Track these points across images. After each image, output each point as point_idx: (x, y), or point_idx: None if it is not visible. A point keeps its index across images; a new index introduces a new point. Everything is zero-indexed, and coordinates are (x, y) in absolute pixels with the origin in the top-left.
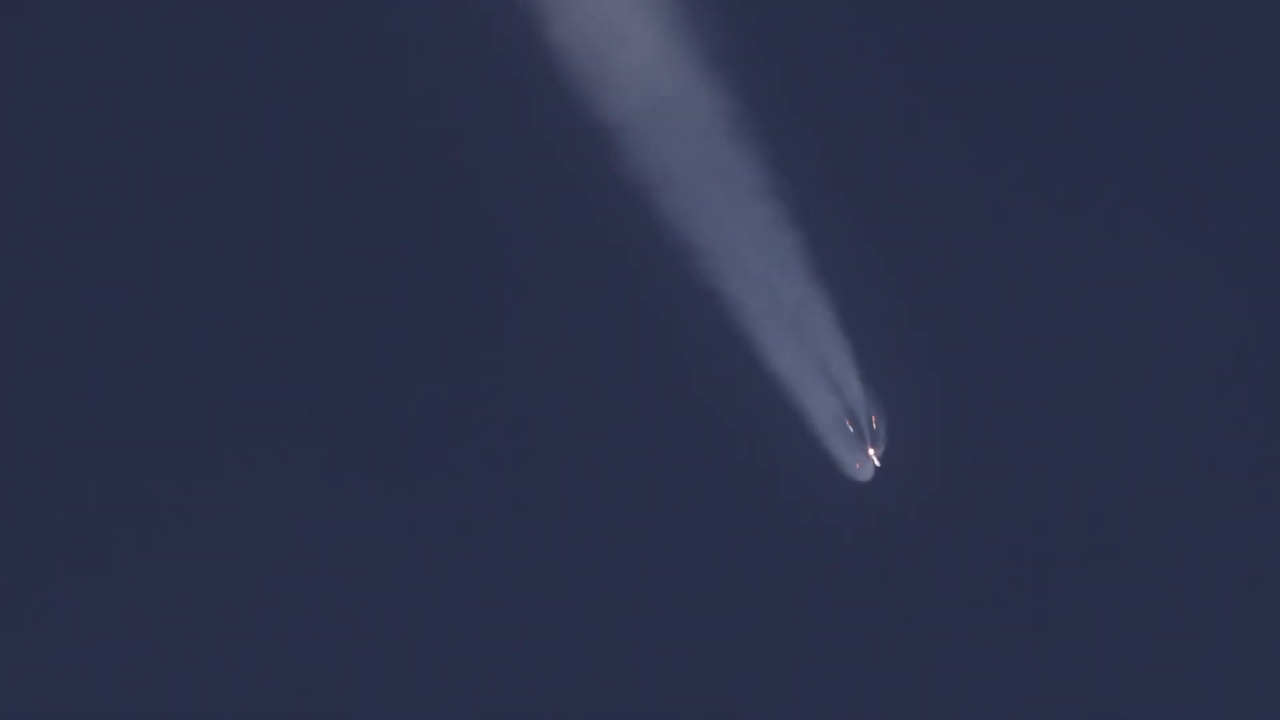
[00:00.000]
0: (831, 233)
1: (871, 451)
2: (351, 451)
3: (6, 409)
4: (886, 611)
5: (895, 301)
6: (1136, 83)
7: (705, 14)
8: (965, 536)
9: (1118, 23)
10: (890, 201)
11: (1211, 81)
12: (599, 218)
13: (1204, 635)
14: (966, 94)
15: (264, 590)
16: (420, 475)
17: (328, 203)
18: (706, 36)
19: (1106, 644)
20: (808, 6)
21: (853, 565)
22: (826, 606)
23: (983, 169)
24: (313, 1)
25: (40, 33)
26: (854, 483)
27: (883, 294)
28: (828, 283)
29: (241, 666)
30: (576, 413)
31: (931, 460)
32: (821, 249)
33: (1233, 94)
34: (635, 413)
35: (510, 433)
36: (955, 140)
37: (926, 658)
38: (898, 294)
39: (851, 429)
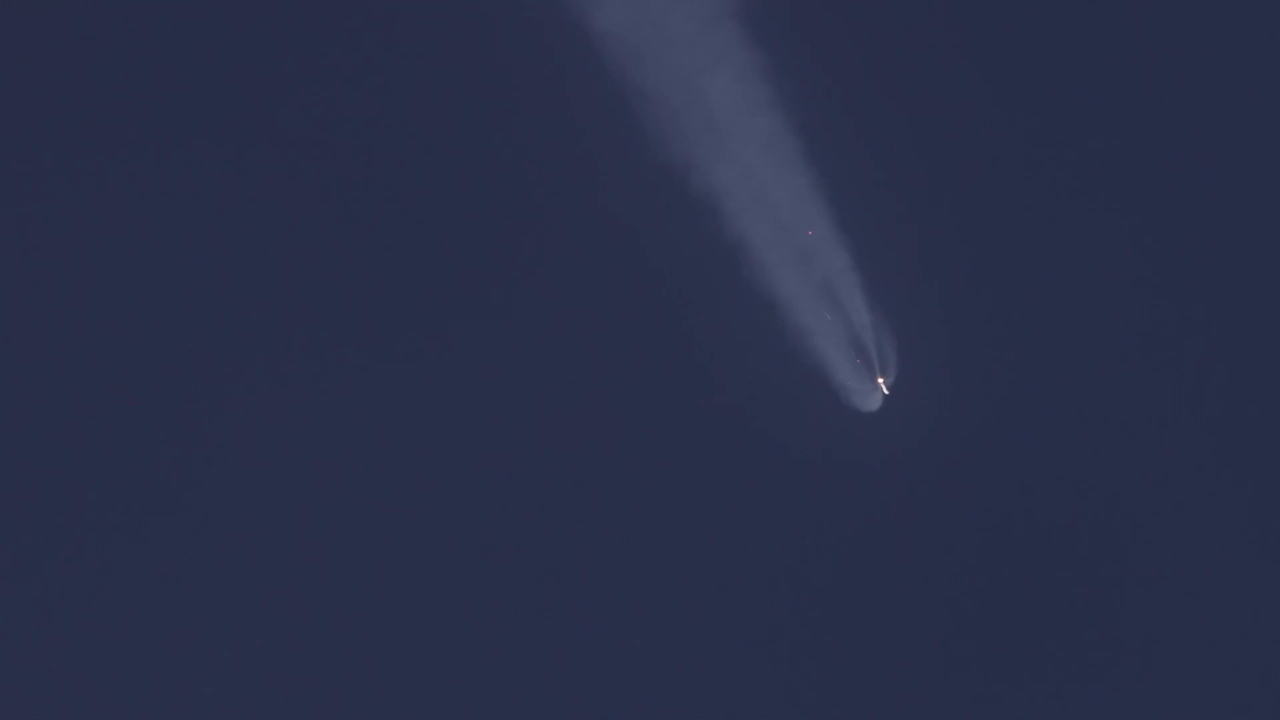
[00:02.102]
0: (846, 164)
1: (880, 380)
2: (352, 445)
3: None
4: (893, 543)
5: (905, 232)
6: (1171, 71)
7: None
8: (973, 467)
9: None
10: (905, 133)
11: (1219, 81)
12: (611, 146)
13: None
14: (996, 31)
15: (263, 594)
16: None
17: (330, 195)
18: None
19: (1119, 578)
20: None
21: (859, 496)
22: (833, 539)
23: (998, 102)
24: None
25: (44, 30)
26: (861, 412)
27: (893, 225)
28: (839, 213)
29: (238, 667)
30: (584, 341)
31: (940, 390)
32: (835, 180)
33: (1236, 94)
34: (639, 345)
35: (513, 375)
36: (967, 74)
37: (933, 593)
38: (908, 225)
39: (860, 359)
